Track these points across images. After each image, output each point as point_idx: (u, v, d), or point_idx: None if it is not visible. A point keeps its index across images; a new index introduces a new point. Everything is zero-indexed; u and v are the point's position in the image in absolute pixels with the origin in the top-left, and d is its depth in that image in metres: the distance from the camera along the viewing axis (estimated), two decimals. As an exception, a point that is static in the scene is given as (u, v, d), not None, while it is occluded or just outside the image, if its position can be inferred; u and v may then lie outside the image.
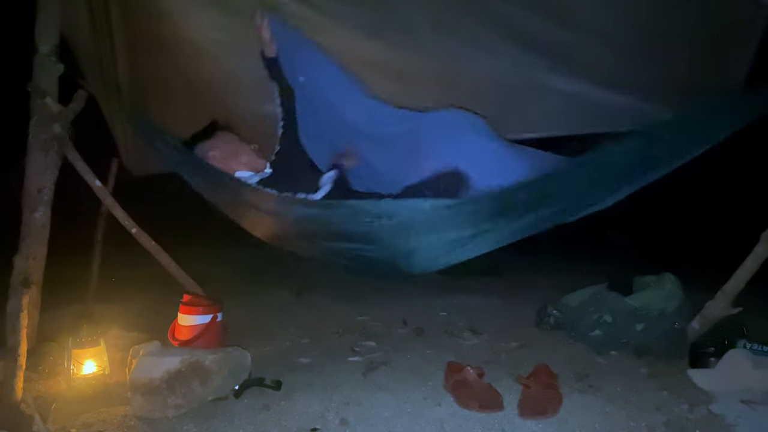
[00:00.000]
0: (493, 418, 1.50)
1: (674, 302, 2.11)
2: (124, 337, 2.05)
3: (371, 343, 2.23)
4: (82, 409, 1.59)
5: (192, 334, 1.90)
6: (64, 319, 2.27)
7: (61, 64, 1.83)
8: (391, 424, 1.48)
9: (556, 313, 2.36)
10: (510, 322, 2.48)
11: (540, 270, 3.93)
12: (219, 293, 2.20)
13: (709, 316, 1.95)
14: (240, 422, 1.50)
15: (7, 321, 1.63)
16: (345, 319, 2.58)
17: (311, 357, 2.05)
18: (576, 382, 1.76)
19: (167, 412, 1.54)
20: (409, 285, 3.19)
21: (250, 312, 2.65)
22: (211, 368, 1.63)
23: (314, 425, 1.48)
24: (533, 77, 2.21)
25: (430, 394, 1.68)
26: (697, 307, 2.01)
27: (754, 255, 1.86)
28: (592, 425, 1.46)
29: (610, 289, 2.31)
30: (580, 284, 2.46)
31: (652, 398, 1.63)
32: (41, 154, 1.80)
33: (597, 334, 2.08)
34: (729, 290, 1.91)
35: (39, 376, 1.77)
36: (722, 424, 1.46)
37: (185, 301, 1.98)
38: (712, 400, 1.60)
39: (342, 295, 3.01)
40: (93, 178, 1.98)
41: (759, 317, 2.06)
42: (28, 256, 1.75)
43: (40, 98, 1.80)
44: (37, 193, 1.80)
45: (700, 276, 2.23)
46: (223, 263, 3.97)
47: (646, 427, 1.45)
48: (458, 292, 3.06)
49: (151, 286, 2.89)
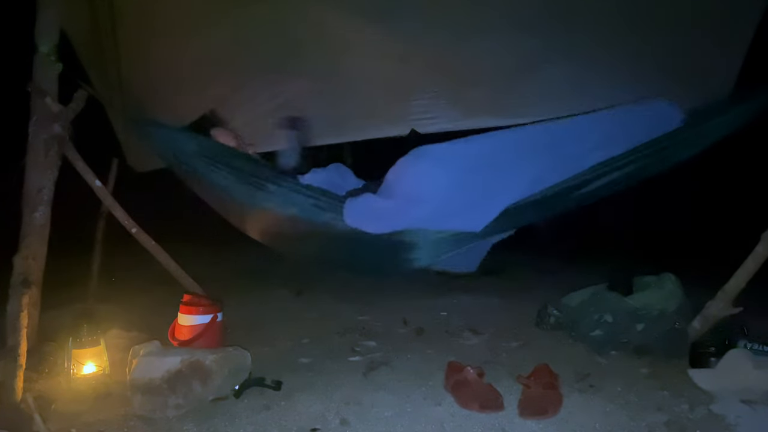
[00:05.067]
0: (494, 418, 1.50)
1: (674, 302, 2.11)
2: (124, 337, 2.05)
3: (371, 343, 2.22)
4: (82, 409, 1.59)
5: (192, 334, 1.89)
6: (64, 319, 2.26)
7: (61, 63, 1.83)
8: (391, 424, 1.48)
9: (556, 313, 2.36)
10: (510, 322, 2.48)
11: (540, 270, 3.92)
12: (219, 293, 2.20)
13: (709, 316, 1.95)
14: (240, 422, 1.50)
15: (7, 321, 1.64)
16: (345, 319, 2.57)
17: (311, 357, 2.05)
18: (576, 382, 1.76)
19: (167, 412, 1.54)
20: (409, 285, 3.18)
21: (250, 312, 2.65)
22: (211, 368, 1.63)
23: (314, 425, 1.47)
24: (531, 60, 2.22)
25: (431, 394, 1.68)
26: (698, 307, 2.01)
27: (755, 255, 1.86)
28: (592, 425, 1.46)
29: (610, 289, 2.31)
30: (580, 284, 2.46)
31: (652, 398, 1.62)
32: (41, 154, 1.80)
33: (597, 334, 2.08)
34: (729, 290, 1.91)
35: (39, 376, 1.77)
36: (723, 424, 1.46)
37: (185, 301, 1.98)
38: (713, 399, 1.60)
39: (342, 295, 3.01)
40: (93, 178, 1.98)
41: (759, 317, 2.06)
42: (28, 256, 1.75)
43: (40, 98, 1.80)
44: (37, 193, 1.80)
45: (700, 276, 2.23)
46: (223, 263, 3.97)
47: (647, 426, 1.45)
48: (458, 292, 3.05)
49: (151, 286, 2.89)
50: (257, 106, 2.40)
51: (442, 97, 2.47)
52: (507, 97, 2.40)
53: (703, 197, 4.69)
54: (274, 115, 2.43)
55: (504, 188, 1.71)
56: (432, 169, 1.71)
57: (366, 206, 1.74)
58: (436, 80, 2.42)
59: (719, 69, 2.08)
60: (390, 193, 1.75)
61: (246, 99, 2.36)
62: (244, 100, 2.35)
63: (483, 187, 1.70)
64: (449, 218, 1.73)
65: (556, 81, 2.28)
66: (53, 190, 1.84)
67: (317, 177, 1.86)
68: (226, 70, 2.30)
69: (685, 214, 4.95)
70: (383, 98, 2.49)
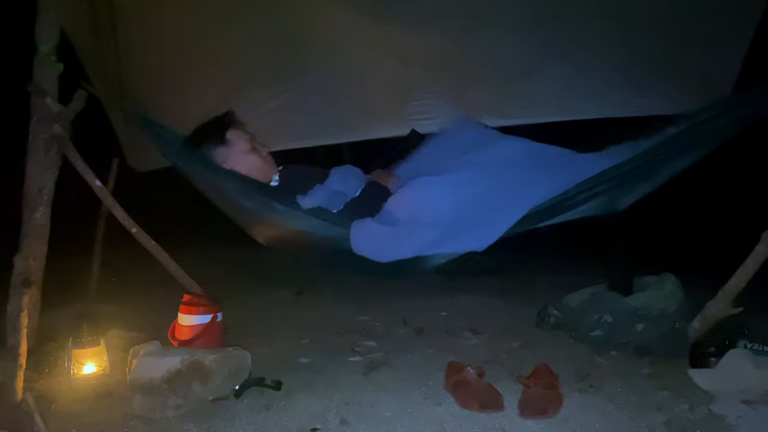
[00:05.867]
0: (494, 418, 1.50)
1: (674, 302, 2.11)
2: (124, 337, 2.05)
3: (371, 343, 2.22)
4: (82, 409, 1.59)
5: (192, 334, 1.89)
6: (64, 319, 2.26)
7: (61, 63, 1.83)
8: (391, 424, 1.48)
9: (556, 313, 2.36)
10: (510, 322, 2.48)
11: (540, 270, 3.92)
12: (219, 293, 2.19)
13: (709, 316, 1.95)
14: (240, 422, 1.50)
15: (7, 321, 1.63)
16: (345, 319, 2.57)
17: (311, 357, 2.05)
18: (576, 382, 1.76)
19: (167, 412, 1.54)
20: (409, 285, 3.18)
21: (250, 312, 2.65)
22: (211, 368, 1.63)
23: (314, 425, 1.47)
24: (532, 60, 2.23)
25: (431, 394, 1.68)
26: (698, 307, 2.00)
27: (755, 254, 1.86)
28: (592, 425, 1.46)
29: (610, 289, 2.30)
30: (580, 284, 2.45)
31: (652, 398, 1.62)
32: (41, 154, 1.80)
33: (597, 334, 2.08)
34: (729, 290, 1.91)
35: (39, 376, 1.77)
36: (723, 424, 1.46)
37: (185, 301, 1.98)
38: (713, 400, 1.60)
39: (342, 295, 3.01)
40: (93, 178, 1.98)
41: (759, 317, 2.06)
42: (28, 256, 1.75)
43: (40, 98, 1.80)
44: (37, 193, 1.80)
45: (700, 276, 2.23)
46: (223, 263, 3.96)
47: (647, 427, 1.45)
48: (458, 292, 3.05)
49: (151, 286, 2.89)
50: (257, 106, 2.40)
51: (443, 97, 2.47)
52: (507, 98, 2.40)
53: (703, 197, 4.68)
54: (274, 115, 2.44)
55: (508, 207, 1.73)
56: (436, 193, 1.74)
57: (372, 235, 1.75)
58: (436, 80, 2.42)
59: (718, 69, 2.09)
60: (395, 220, 1.75)
61: (246, 99, 2.36)
62: (245, 100, 2.35)
63: (488, 209, 1.72)
64: (456, 239, 1.74)
65: (557, 81, 2.28)
66: (53, 190, 1.83)
67: (317, 198, 1.83)
68: (226, 70, 2.31)
69: (684, 214, 4.95)
70: (383, 98, 2.50)
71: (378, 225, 1.76)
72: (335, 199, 1.87)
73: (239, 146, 1.96)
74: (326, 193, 1.86)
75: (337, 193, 1.89)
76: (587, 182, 1.73)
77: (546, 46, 2.17)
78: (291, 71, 2.34)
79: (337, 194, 1.88)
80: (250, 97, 2.38)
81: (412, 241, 1.73)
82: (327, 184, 1.91)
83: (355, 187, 1.95)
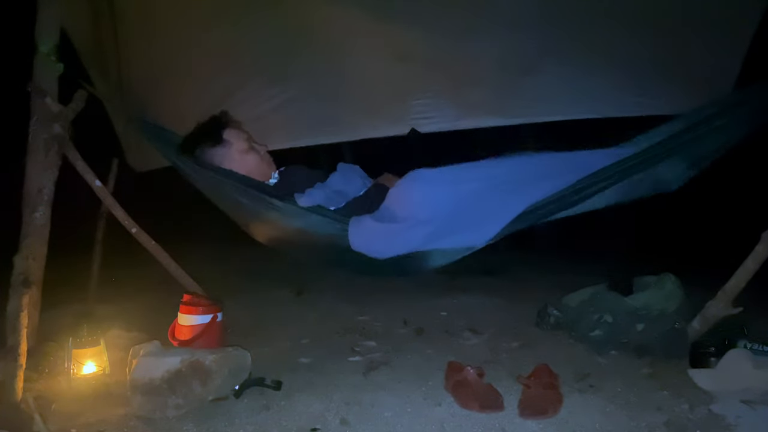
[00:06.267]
0: (494, 418, 1.50)
1: (674, 302, 2.11)
2: (124, 337, 2.05)
3: (371, 343, 2.22)
4: (82, 409, 1.59)
5: (192, 334, 1.89)
6: (64, 319, 2.27)
7: (61, 63, 1.83)
8: (391, 424, 1.48)
9: (556, 313, 2.36)
10: (510, 322, 2.48)
11: (540, 270, 3.92)
12: (219, 293, 2.20)
13: (709, 316, 1.95)
14: (240, 422, 1.50)
15: (7, 321, 1.63)
16: (345, 319, 2.57)
17: (311, 357, 2.05)
18: (576, 382, 1.76)
19: (167, 412, 1.54)
20: (409, 285, 3.18)
21: (250, 312, 2.65)
22: (211, 368, 1.63)
23: (314, 425, 1.47)
24: (532, 60, 2.23)
25: (431, 394, 1.68)
26: (697, 307, 2.00)
27: (755, 254, 1.86)
28: (592, 425, 1.46)
29: (610, 289, 2.30)
30: (580, 284, 2.46)
31: (652, 398, 1.62)
32: (41, 154, 1.80)
33: (597, 334, 2.08)
34: (729, 290, 1.90)
35: (39, 376, 1.77)
36: (723, 424, 1.46)
37: (185, 301, 1.97)
38: (713, 400, 1.60)
39: (342, 295, 3.01)
40: (93, 178, 1.98)
41: (759, 317, 2.06)
42: (28, 256, 1.75)
43: (40, 98, 1.80)
44: (37, 193, 1.80)
45: (700, 276, 2.23)
46: (224, 263, 3.96)
47: (647, 427, 1.45)
48: (458, 292, 3.05)
49: (151, 286, 2.89)
50: (257, 105, 2.40)
51: (442, 96, 2.47)
52: (507, 98, 2.40)
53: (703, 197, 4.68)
54: (273, 115, 2.44)
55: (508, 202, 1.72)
56: (434, 188, 1.72)
57: (370, 232, 1.75)
58: (436, 80, 2.42)
59: (719, 69, 2.08)
60: (392, 216, 1.75)
61: (246, 99, 2.36)
62: (244, 99, 2.35)
63: (488, 204, 1.71)
64: (453, 235, 1.73)
65: (556, 81, 2.28)
66: (53, 190, 1.83)
67: (315, 196, 1.83)
68: (226, 70, 2.31)
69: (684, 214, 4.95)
70: (383, 98, 2.50)
71: (375, 221, 1.76)
72: (334, 198, 1.87)
73: (237, 146, 1.97)
74: (325, 192, 1.86)
75: (337, 192, 1.88)
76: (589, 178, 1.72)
77: (546, 46, 2.17)
78: (291, 71, 2.34)
79: (336, 193, 1.88)
80: (250, 96, 2.38)
81: (408, 236, 1.72)
82: (327, 183, 1.91)
83: (358, 187, 1.95)
